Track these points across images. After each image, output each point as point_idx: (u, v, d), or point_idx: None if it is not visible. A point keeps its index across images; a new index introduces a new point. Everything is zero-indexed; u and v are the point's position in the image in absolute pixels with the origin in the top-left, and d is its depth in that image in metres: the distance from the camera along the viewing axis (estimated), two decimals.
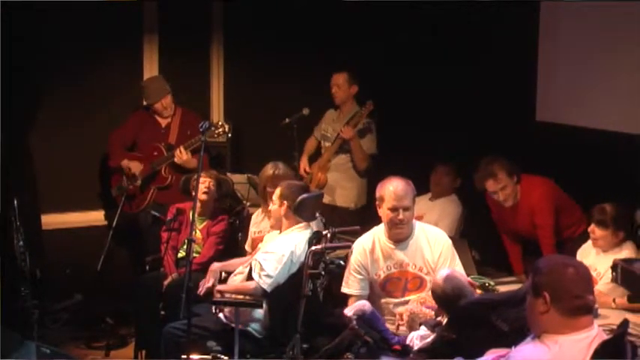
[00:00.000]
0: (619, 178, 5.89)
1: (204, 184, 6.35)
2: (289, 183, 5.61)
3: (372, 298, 5.15)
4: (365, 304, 4.77)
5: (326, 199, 7.06)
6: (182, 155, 6.88)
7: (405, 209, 5.01)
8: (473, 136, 7.01)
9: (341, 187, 7.31)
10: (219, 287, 5.54)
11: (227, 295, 5.42)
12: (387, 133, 7.27)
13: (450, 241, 5.14)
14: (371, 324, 4.69)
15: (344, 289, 5.17)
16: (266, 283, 5.26)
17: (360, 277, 5.13)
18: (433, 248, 5.07)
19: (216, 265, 5.82)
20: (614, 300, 5.10)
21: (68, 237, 7.35)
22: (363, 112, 7.07)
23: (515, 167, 5.88)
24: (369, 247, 5.14)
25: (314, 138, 7.52)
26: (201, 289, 5.62)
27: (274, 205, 5.53)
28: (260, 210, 6.28)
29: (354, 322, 4.67)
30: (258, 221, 6.25)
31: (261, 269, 5.28)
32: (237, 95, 8.01)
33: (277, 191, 5.53)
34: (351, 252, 5.16)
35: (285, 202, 5.44)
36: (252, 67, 7.93)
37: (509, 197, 5.91)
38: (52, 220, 7.31)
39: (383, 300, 5.12)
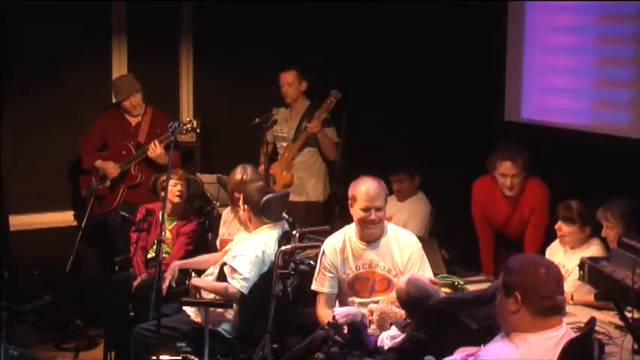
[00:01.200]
0: (586, 176, 5.94)
1: (176, 187, 6.34)
2: (251, 186, 5.62)
3: (339, 296, 5.17)
4: (357, 314, 4.77)
5: (295, 197, 7.08)
6: (156, 149, 6.85)
7: (377, 209, 5.02)
8: (441, 135, 7.04)
9: (308, 182, 7.33)
10: (195, 281, 5.52)
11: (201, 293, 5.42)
12: (352, 131, 7.28)
13: (419, 245, 5.15)
14: (358, 332, 4.68)
15: (314, 287, 5.18)
16: (244, 287, 5.27)
17: (330, 275, 5.14)
18: (403, 251, 5.09)
19: (176, 263, 5.81)
20: (572, 297, 5.17)
21: (37, 238, 7.31)
22: (330, 102, 7.09)
23: (531, 163, 5.92)
24: (339, 245, 5.15)
25: (267, 143, 7.46)
26: (163, 291, 5.58)
27: (241, 210, 5.56)
28: (229, 209, 6.28)
29: (343, 328, 4.67)
30: (228, 220, 6.25)
31: (237, 273, 5.28)
32: (207, 95, 8.00)
33: (242, 195, 5.57)
34: (322, 251, 5.16)
35: (246, 206, 5.46)
36: (221, 67, 7.92)
37: (515, 187, 5.94)
38: (20, 221, 7.26)
39: (350, 299, 5.13)
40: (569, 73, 6.35)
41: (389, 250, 5.09)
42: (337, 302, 5.19)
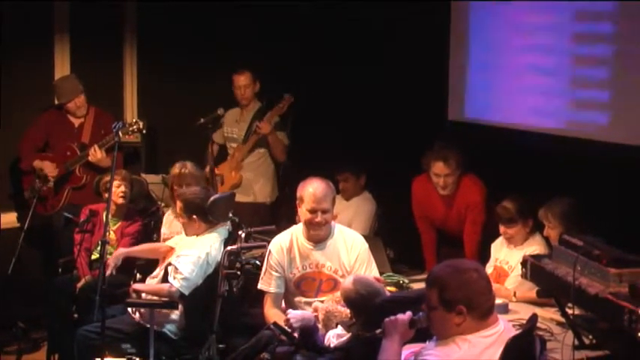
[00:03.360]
0: (527, 174, 6.02)
1: (120, 188, 6.30)
2: (188, 193, 5.58)
3: (286, 296, 5.17)
4: (311, 318, 4.77)
5: (243, 198, 7.07)
6: (96, 154, 6.80)
7: (324, 212, 5.03)
8: (385, 135, 7.08)
9: (256, 183, 7.32)
10: (136, 286, 5.49)
11: (143, 296, 5.39)
12: (298, 131, 7.30)
13: (366, 246, 5.16)
14: (311, 335, 4.69)
15: (260, 286, 5.17)
16: (183, 286, 5.24)
17: (277, 274, 5.14)
18: (350, 252, 5.10)
19: (120, 251, 5.74)
20: (514, 293, 5.24)
21: None
22: (282, 105, 7.09)
23: (464, 162, 5.98)
24: (286, 245, 5.15)
25: (214, 143, 7.45)
26: (107, 272, 5.51)
27: (182, 218, 5.52)
28: (171, 210, 6.25)
29: (296, 333, 4.66)
30: (169, 221, 6.22)
31: (178, 272, 5.26)
32: (151, 95, 7.94)
33: (179, 205, 5.51)
34: (269, 250, 5.16)
35: (192, 214, 5.43)
36: (166, 67, 7.87)
37: (449, 186, 6.01)
38: None
39: (296, 299, 5.14)
40: (513, 73, 6.42)
41: (336, 250, 5.10)
42: (283, 302, 5.19)
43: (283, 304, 5.18)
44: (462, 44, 6.81)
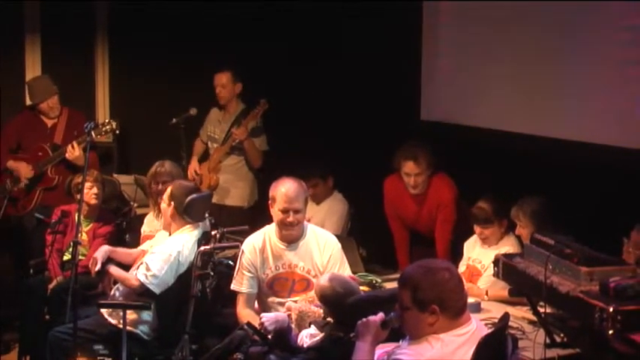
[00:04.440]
0: (501, 174, 6.05)
1: (92, 189, 6.27)
2: (179, 183, 5.56)
3: (259, 296, 5.17)
4: (285, 320, 4.76)
5: (219, 200, 7.06)
6: (74, 151, 6.75)
7: (296, 211, 5.03)
8: (357, 135, 7.09)
9: (234, 186, 7.29)
10: (112, 270, 5.44)
11: (116, 295, 5.37)
12: (272, 131, 7.29)
13: (339, 246, 5.17)
14: (284, 336, 4.68)
15: (233, 287, 5.16)
16: (152, 284, 5.21)
17: (250, 275, 5.13)
18: (323, 252, 5.11)
19: (105, 248, 5.68)
20: (486, 292, 5.27)
21: None
22: (257, 111, 7.07)
23: (435, 161, 6.00)
24: (259, 245, 5.15)
25: (200, 140, 7.47)
26: (95, 271, 5.47)
27: (164, 204, 5.49)
28: (151, 213, 6.22)
29: (270, 335, 4.66)
30: (150, 220, 6.20)
31: (147, 269, 5.23)
32: (123, 95, 7.92)
33: (167, 191, 5.50)
34: (241, 250, 5.16)
35: (172, 202, 5.41)
36: (137, 66, 7.85)
37: (419, 186, 6.03)
38: None
39: (269, 299, 5.14)
40: (485, 73, 6.45)
41: (309, 250, 5.11)
42: (256, 302, 5.19)
43: (256, 305, 5.18)
44: (434, 44, 6.84)
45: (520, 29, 6.11)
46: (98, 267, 5.40)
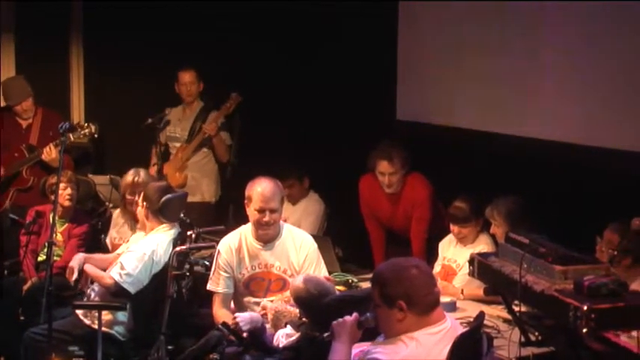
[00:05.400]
0: (475, 175, 6.08)
1: (66, 190, 6.24)
2: (152, 185, 5.55)
3: (235, 296, 5.16)
4: (259, 319, 4.76)
5: (190, 198, 7.02)
6: (51, 153, 6.73)
7: (272, 211, 5.03)
8: (334, 134, 7.10)
9: (200, 183, 7.29)
10: (87, 269, 5.42)
11: (92, 296, 5.36)
12: (248, 131, 7.28)
13: (315, 245, 5.18)
14: (259, 336, 4.68)
15: (209, 287, 5.15)
16: (126, 282, 5.19)
17: (226, 275, 5.12)
18: (299, 251, 5.11)
19: (80, 255, 5.66)
20: (462, 291, 5.30)
21: None
22: (229, 105, 7.07)
23: (410, 160, 6.02)
24: (235, 245, 5.14)
25: (158, 143, 7.39)
26: (73, 280, 5.45)
27: (139, 207, 5.49)
28: (120, 211, 6.20)
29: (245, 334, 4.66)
30: (119, 223, 6.17)
31: (122, 268, 5.22)
32: (99, 95, 7.89)
33: (142, 193, 5.50)
34: (217, 250, 5.15)
35: (145, 203, 5.40)
36: (112, 66, 7.82)
37: (394, 185, 6.04)
38: None
39: (245, 299, 5.13)
40: (461, 73, 6.47)
41: (285, 250, 5.11)
42: (232, 302, 5.18)
43: (232, 305, 5.17)
44: (410, 44, 6.85)
45: (496, 29, 6.13)
46: (75, 275, 5.38)
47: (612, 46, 5.32)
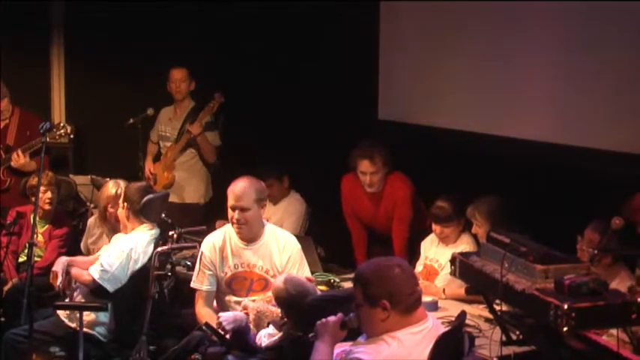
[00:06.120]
0: (457, 174, 6.10)
1: (46, 194, 6.22)
2: (132, 185, 5.54)
3: (217, 294, 5.16)
4: (243, 319, 4.75)
5: (175, 198, 7.03)
6: (19, 159, 6.71)
7: (242, 210, 5.01)
8: (316, 134, 7.10)
9: (189, 184, 7.27)
10: (72, 272, 5.40)
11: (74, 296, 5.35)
12: (229, 131, 7.28)
13: (299, 246, 5.17)
14: (243, 335, 4.68)
15: (193, 284, 5.14)
16: (103, 279, 5.20)
17: (209, 272, 5.12)
18: (282, 252, 5.10)
19: (63, 259, 5.65)
20: (443, 290, 5.31)
21: None
22: (212, 105, 7.06)
23: (391, 160, 6.02)
24: (219, 244, 5.13)
25: (151, 142, 7.39)
26: (58, 284, 5.43)
27: (120, 209, 5.48)
28: (95, 219, 6.15)
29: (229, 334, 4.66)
30: (95, 233, 6.12)
31: (99, 265, 5.23)
32: (80, 95, 7.86)
33: (123, 193, 5.48)
34: (202, 248, 5.14)
35: (126, 204, 5.39)
36: (94, 66, 7.80)
37: (375, 184, 6.05)
38: None
39: (227, 297, 5.13)
40: (442, 74, 6.49)
41: (268, 250, 5.10)
42: (215, 300, 5.18)
43: (215, 304, 5.17)
44: (392, 44, 6.86)
45: (477, 29, 6.15)
46: (60, 280, 5.36)
47: (591, 47, 5.35)
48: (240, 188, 5.02)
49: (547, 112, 5.71)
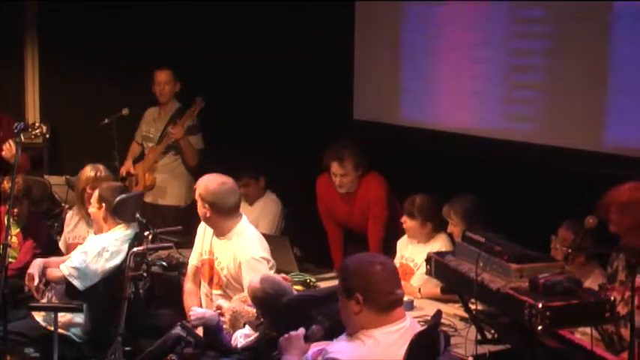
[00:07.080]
0: (432, 174, 6.12)
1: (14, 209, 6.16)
2: (107, 185, 5.53)
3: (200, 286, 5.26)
4: (213, 317, 4.74)
5: (156, 200, 7.02)
6: (12, 149, 6.63)
7: (202, 198, 5.12)
8: (291, 134, 7.10)
9: (170, 186, 7.23)
10: (48, 273, 5.39)
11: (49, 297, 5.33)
12: (205, 131, 7.26)
13: (250, 256, 5.05)
14: (214, 334, 4.67)
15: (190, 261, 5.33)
16: (72, 276, 5.19)
17: (198, 250, 5.27)
18: (235, 260, 5.10)
19: (38, 261, 5.62)
20: (419, 290, 5.33)
21: None
22: (194, 109, 7.02)
23: (363, 162, 6.02)
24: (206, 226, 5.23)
25: (136, 142, 7.37)
26: (34, 288, 5.40)
27: (93, 208, 5.45)
28: (73, 212, 6.13)
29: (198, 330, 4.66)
30: (72, 224, 6.10)
31: (70, 261, 5.24)
32: (54, 95, 7.83)
33: (95, 193, 5.45)
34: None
35: (103, 204, 5.37)
36: (68, 66, 7.77)
37: (345, 185, 6.05)
38: None
39: (202, 285, 5.24)
40: (419, 73, 6.51)
41: (229, 249, 5.12)
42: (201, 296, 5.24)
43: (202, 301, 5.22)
44: (366, 43, 6.87)
45: (451, 28, 6.18)
46: (36, 282, 5.33)
47: (566, 47, 5.40)
48: (202, 179, 5.23)
49: (520, 112, 5.75)
